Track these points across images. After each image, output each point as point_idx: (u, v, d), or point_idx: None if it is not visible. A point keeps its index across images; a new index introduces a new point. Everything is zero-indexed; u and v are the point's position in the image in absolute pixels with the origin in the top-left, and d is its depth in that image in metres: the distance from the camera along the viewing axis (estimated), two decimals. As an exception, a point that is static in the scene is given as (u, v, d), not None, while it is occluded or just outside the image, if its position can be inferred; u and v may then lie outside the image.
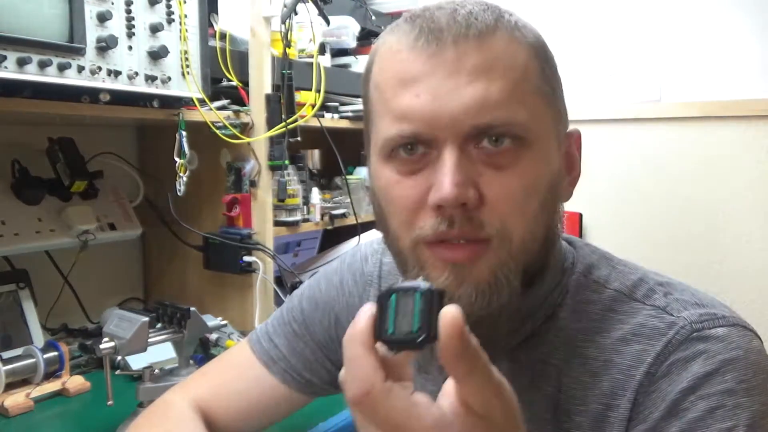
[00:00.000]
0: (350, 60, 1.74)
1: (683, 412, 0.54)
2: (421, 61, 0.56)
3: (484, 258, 0.55)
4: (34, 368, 1.10)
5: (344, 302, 0.78)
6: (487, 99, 0.54)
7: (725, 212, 1.88)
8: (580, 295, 0.63)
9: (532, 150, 0.56)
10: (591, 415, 0.59)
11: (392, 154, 0.58)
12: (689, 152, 1.92)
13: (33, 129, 1.29)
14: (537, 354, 0.62)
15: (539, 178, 0.57)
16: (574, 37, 2.01)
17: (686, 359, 0.56)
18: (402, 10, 1.87)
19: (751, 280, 1.85)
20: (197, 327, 1.05)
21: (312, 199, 1.53)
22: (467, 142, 0.55)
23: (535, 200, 0.57)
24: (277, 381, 0.79)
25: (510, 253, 0.56)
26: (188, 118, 1.20)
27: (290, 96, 1.37)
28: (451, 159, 0.54)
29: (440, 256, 0.56)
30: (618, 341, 0.59)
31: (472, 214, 0.55)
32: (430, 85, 0.55)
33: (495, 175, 0.55)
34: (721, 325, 0.57)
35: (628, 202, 2.02)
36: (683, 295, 0.61)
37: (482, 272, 0.55)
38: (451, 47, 0.55)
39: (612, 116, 2.02)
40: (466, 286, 0.55)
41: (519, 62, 0.56)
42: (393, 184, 0.58)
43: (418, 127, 0.55)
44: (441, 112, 0.54)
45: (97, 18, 1.00)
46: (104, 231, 1.31)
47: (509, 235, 0.55)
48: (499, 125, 0.55)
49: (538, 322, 0.62)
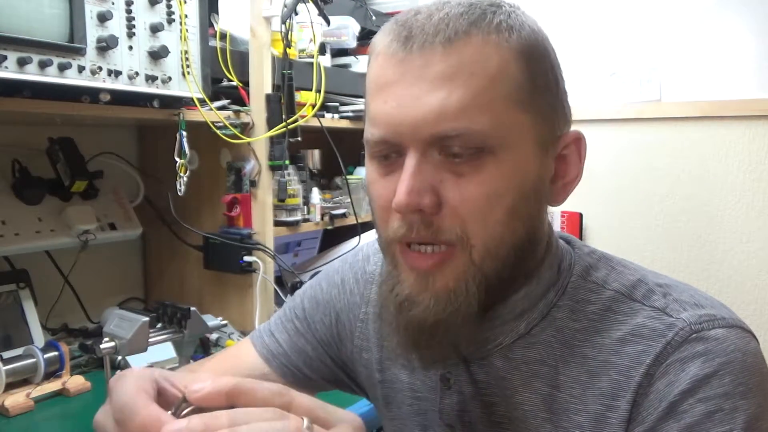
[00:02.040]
0: (350, 60, 1.74)
1: (681, 415, 0.54)
2: (391, 67, 0.57)
3: (449, 265, 0.57)
4: (35, 368, 1.10)
5: (345, 301, 0.79)
6: (445, 108, 0.55)
7: (725, 212, 1.88)
8: (579, 296, 0.63)
9: (496, 157, 0.56)
10: (591, 416, 0.59)
11: (372, 153, 0.61)
12: (689, 152, 1.92)
13: (33, 129, 1.29)
14: (532, 353, 0.62)
15: (505, 184, 0.57)
16: (574, 37, 2.01)
17: (684, 360, 0.56)
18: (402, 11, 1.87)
19: (750, 280, 1.85)
20: (197, 327, 1.05)
21: (312, 199, 1.53)
22: (430, 148, 0.56)
23: (500, 207, 0.57)
24: (276, 375, 0.79)
25: (472, 260, 0.57)
26: (188, 118, 1.20)
27: (290, 96, 1.37)
28: (410, 165, 0.56)
29: (408, 263, 0.59)
30: (617, 342, 0.59)
31: (431, 220, 0.56)
32: (397, 92, 0.56)
33: (455, 181, 0.56)
34: (720, 326, 0.57)
35: (628, 202, 2.03)
36: (682, 296, 0.61)
37: (446, 279, 0.57)
38: (418, 54, 0.56)
39: (612, 116, 2.02)
40: (427, 293, 0.58)
41: (489, 67, 0.55)
42: (373, 182, 0.61)
43: (385, 133, 0.57)
44: (403, 119, 0.56)
45: (97, 18, 1.00)
46: (104, 231, 1.31)
47: (470, 241, 0.56)
48: (455, 135, 0.55)
49: (533, 322, 0.63)
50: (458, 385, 0.66)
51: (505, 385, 0.63)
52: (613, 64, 2.02)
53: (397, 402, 0.72)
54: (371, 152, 0.61)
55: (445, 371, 0.66)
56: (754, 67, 1.82)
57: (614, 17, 2.01)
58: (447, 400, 0.66)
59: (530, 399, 0.62)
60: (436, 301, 0.57)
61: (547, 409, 0.61)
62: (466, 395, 0.65)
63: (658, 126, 1.97)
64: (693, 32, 1.89)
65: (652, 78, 1.97)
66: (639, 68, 1.99)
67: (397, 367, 0.72)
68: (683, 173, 1.93)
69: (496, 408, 0.64)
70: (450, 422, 0.66)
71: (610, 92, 2.04)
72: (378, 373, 0.74)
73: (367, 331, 0.76)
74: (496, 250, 0.58)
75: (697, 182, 1.92)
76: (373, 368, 0.75)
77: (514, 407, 0.62)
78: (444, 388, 0.67)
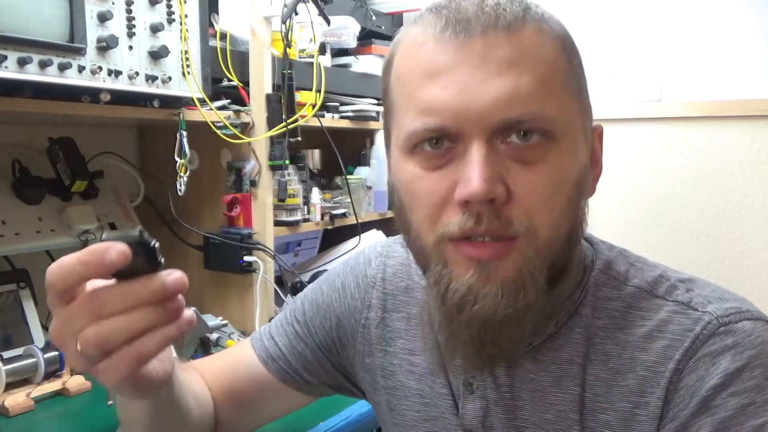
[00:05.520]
0: (350, 60, 1.74)
1: (714, 410, 0.54)
2: (448, 52, 0.54)
3: (511, 255, 0.54)
4: (35, 368, 1.10)
5: (346, 305, 0.78)
6: (517, 92, 0.53)
7: (725, 212, 1.88)
8: (600, 292, 0.62)
9: (559, 144, 0.55)
10: (619, 414, 0.58)
11: (416, 148, 0.57)
12: (689, 152, 1.92)
13: (33, 129, 1.29)
14: (561, 353, 0.61)
15: (567, 173, 0.56)
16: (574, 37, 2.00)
17: (714, 354, 0.55)
18: (402, 10, 1.87)
19: (751, 280, 1.85)
20: (197, 327, 1.05)
21: (312, 199, 1.53)
22: (495, 137, 0.54)
23: (562, 196, 0.56)
24: (275, 378, 0.79)
25: (536, 251, 0.55)
26: (189, 118, 1.20)
27: (290, 96, 1.37)
28: (479, 154, 0.53)
29: (465, 254, 0.55)
30: (642, 338, 0.59)
31: (499, 211, 0.53)
32: (458, 78, 0.53)
33: (522, 170, 0.54)
34: (747, 318, 0.57)
35: (628, 202, 2.03)
36: (705, 291, 0.60)
37: (508, 270, 0.54)
38: (480, 38, 0.53)
39: (612, 116, 2.02)
40: (492, 284, 0.54)
41: (548, 55, 0.55)
42: (416, 179, 0.57)
43: (444, 121, 0.54)
44: (469, 106, 0.53)
45: (97, 18, 1.00)
46: (104, 231, 1.31)
47: (536, 232, 0.54)
48: (528, 119, 0.53)
49: (561, 321, 0.62)
50: (482, 389, 0.64)
51: (533, 387, 0.62)
52: (613, 64, 2.02)
53: (403, 408, 0.71)
54: (414, 146, 0.57)
55: (468, 375, 0.65)
56: (754, 67, 1.82)
57: (614, 17, 2.01)
58: (470, 405, 0.65)
59: (563, 399, 0.61)
60: (505, 292, 0.54)
61: (577, 410, 0.60)
62: (490, 400, 0.64)
63: (658, 126, 1.97)
64: (693, 32, 1.90)
65: (652, 78, 1.97)
66: (639, 68, 1.99)
67: (403, 373, 0.71)
68: (683, 173, 1.93)
69: (520, 412, 0.62)
70: (471, 428, 0.65)
71: (610, 92, 2.04)
72: (382, 378, 0.73)
73: (369, 336, 0.75)
74: (557, 240, 0.56)
75: (697, 182, 1.92)
76: (377, 374, 0.74)
77: (544, 409, 0.61)
78: (467, 393, 0.65)
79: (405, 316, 0.72)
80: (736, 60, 1.84)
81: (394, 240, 0.79)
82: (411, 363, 0.71)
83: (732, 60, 1.85)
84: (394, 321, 0.73)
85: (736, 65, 1.84)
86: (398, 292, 0.74)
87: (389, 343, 0.73)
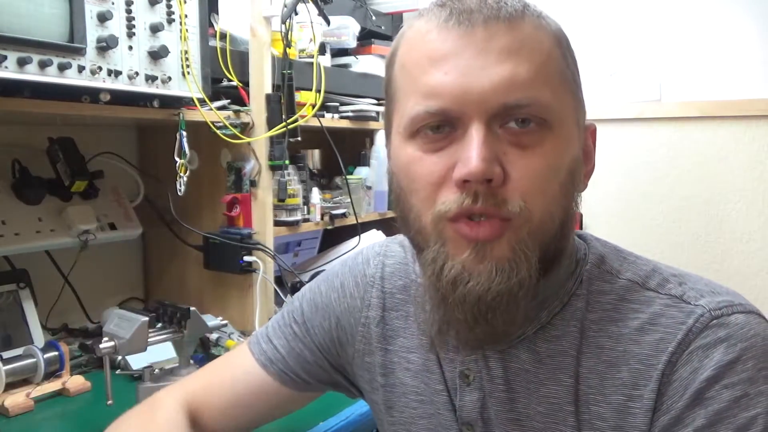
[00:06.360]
0: (350, 60, 1.74)
1: (708, 402, 0.55)
2: (451, 40, 0.57)
3: (505, 236, 0.56)
4: (35, 368, 1.10)
5: (345, 305, 0.78)
6: (516, 78, 0.56)
7: (725, 212, 1.88)
8: (593, 286, 0.63)
9: (554, 132, 0.58)
10: (613, 406, 0.59)
11: (417, 132, 0.59)
12: (689, 152, 1.92)
13: (33, 129, 1.29)
14: (555, 346, 0.62)
15: (561, 160, 0.58)
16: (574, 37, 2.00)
17: (707, 346, 0.56)
18: (402, 10, 1.87)
19: (750, 280, 1.85)
20: (197, 327, 1.05)
21: (312, 199, 1.53)
22: (494, 121, 0.56)
23: (556, 181, 0.58)
24: (274, 381, 0.79)
25: (530, 232, 0.57)
26: (188, 118, 1.20)
27: (290, 96, 1.37)
28: (478, 135, 0.55)
29: (462, 233, 0.57)
30: (636, 331, 0.59)
31: (496, 192, 0.56)
32: (460, 63, 0.56)
33: (519, 154, 0.56)
34: (739, 311, 0.58)
35: (628, 201, 2.03)
36: (698, 284, 0.61)
37: (503, 249, 0.56)
38: (481, 27, 0.56)
39: (612, 116, 2.02)
40: (487, 263, 0.56)
41: (545, 47, 0.58)
42: (416, 161, 0.59)
43: (446, 104, 0.56)
44: (470, 89, 0.56)
45: (97, 18, 1.00)
46: (104, 231, 1.31)
47: (530, 213, 0.56)
48: (526, 105, 0.56)
49: (554, 311, 0.63)
50: (478, 380, 0.65)
51: (528, 378, 0.63)
52: (613, 64, 2.02)
53: (400, 406, 0.72)
54: (415, 130, 0.59)
55: (463, 367, 0.66)
56: (754, 67, 1.83)
57: (614, 17, 2.01)
58: (467, 397, 0.66)
59: (557, 392, 0.61)
60: (499, 269, 0.56)
61: (571, 402, 0.61)
62: (486, 391, 0.65)
63: (658, 126, 1.97)
64: (693, 32, 1.90)
65: (652, 78, 1.97)
66: (639, 68, 1.99)
67: (401, 370, 0.72)
68: (683, 173, 1.94)
69: (515, 404, 0.63)
70: (469, 420, 0.66)
71: (610, 92, 2.04)
72: (381, 377, 0.74)
73: (369, 335, 0.75)
74: (551, 223, 0.58)
75: (697, 182, 1.92)
76: (376, 372, 0.74)
77: (538, 401, 0.62)
78: (463, 385, 0.66)
79: (403, 314, 0.73)
80: (736, 60, 1.84)
81: (392, 240, 0.80)
82: (408, 360, 0.71)
83: (731, 60, 1.85)
84: (393, 319, 0.74)
85: (736, 65, 1.84)
86: (396, 291, 0.75)
87: (389, 341, 0.73)
